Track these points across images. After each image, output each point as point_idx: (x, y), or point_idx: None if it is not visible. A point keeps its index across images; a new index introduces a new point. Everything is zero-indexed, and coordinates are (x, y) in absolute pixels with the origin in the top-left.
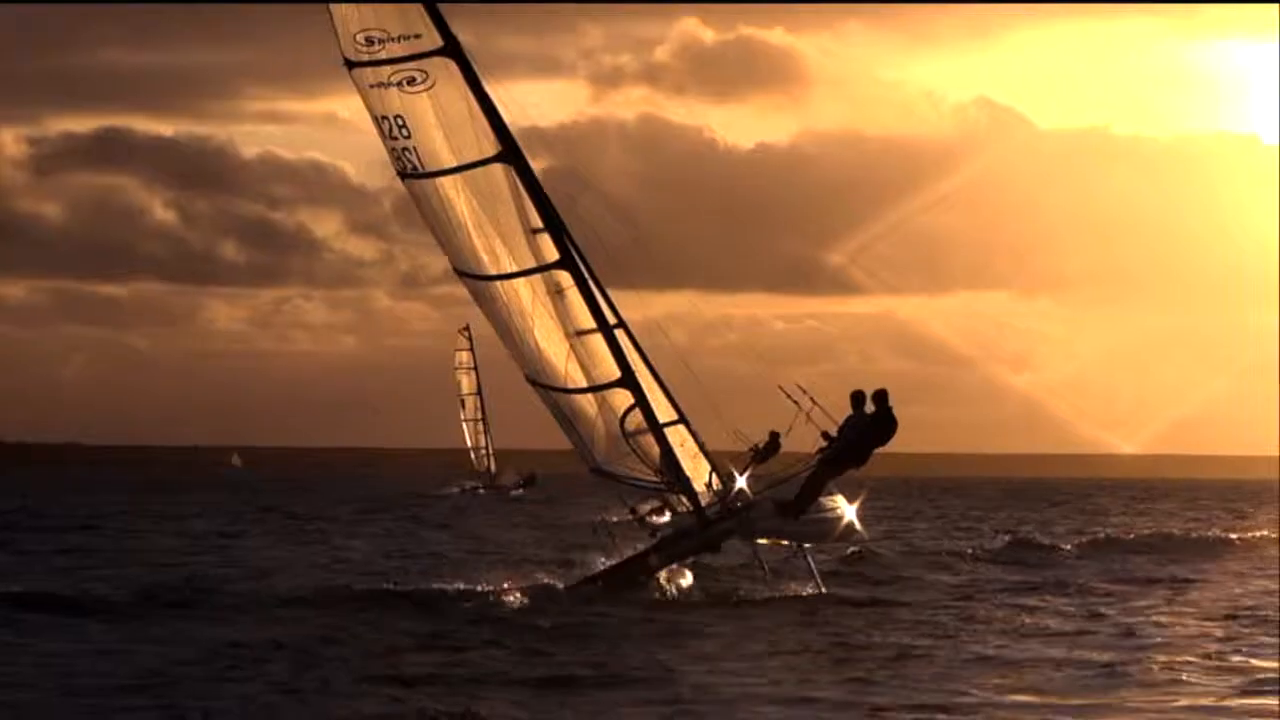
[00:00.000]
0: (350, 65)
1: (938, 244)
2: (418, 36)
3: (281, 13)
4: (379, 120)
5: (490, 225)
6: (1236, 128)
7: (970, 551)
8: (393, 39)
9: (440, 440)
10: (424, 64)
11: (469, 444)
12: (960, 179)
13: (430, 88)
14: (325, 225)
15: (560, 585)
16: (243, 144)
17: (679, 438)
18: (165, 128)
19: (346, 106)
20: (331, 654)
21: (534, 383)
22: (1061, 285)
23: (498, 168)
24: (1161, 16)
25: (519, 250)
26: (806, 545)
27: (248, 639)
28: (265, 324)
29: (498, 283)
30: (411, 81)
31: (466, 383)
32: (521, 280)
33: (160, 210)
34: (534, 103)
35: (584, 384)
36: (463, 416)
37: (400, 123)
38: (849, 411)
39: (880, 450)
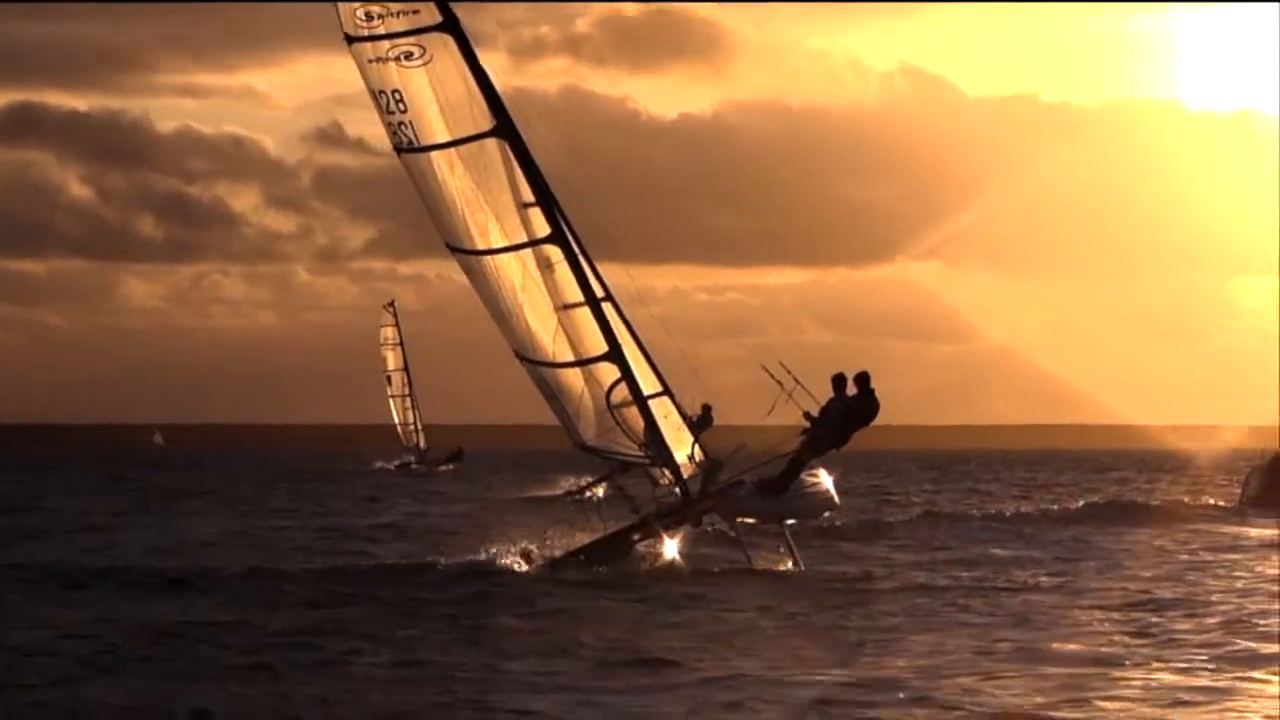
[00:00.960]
0: (350, 40)
1: (864, 214)
2: (415, 12)
3: None
4: (376, 95)
5: (483, 200)
6: (1161, 93)
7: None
8: (391, 14)
9: (362, 415)
10: (422, 39)
11: (397, 420)
12: (887, 147)
13: (427, 63)
14: (243, 200)
15: (540, 558)
16: (158, 118)
17: (663, 410)
18: (78, 102)
19: (265, 79)
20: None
21: (521, 358)
22: (993, 255)
23: (492, 142)
24: None
25: (510, 225)
26: (789, 521)
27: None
28: (183, 300)
29: (489, 257)
30: (409, 56)
31: (393, 359)
32: (512, 255)
33: (75, 186)
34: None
35: (571, 358)
36: (389, 392)
37: (397, 97)
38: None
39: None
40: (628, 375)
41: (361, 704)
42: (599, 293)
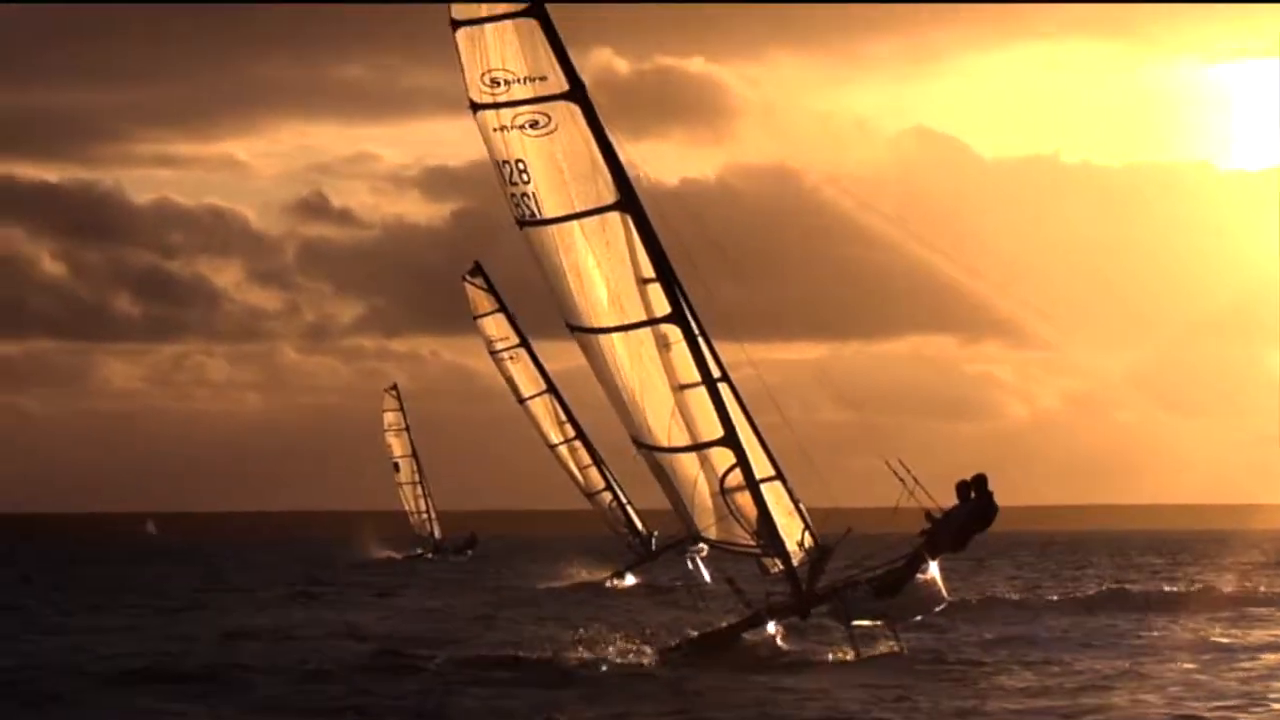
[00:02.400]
0: (475, 108)
1: (878, 283)
2: (543, 79)
3: (171, 48)
4: (499, 165)
5: (603, 275)
6: (1189, 154)
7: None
8: (518, 80)
9: (354, 502)
10: (548, 107)
11: (408, 509)
12: (900, 212)
13: (552, 132)
14: (225, 275)
15: (651, 650)
16: (134, 189)
17: (775, 495)
18: (49, 173)
19: (245, 148)
20: None
21: (638, 444)
22: (1011, 326)
23: (614, 215)
24: (1108, 41)
25: (630, 302)
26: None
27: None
28: (165, 381)
29: (606, 336)
30: (534, 125)
31: (399, 445)
32: (630, 333)
33: (48, 262)
34: (441, 140)
35: (686, 442)
36: (398, 480)
37: (521, 168)
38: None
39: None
40: (743, 461)
41: None
42: (715, 373)
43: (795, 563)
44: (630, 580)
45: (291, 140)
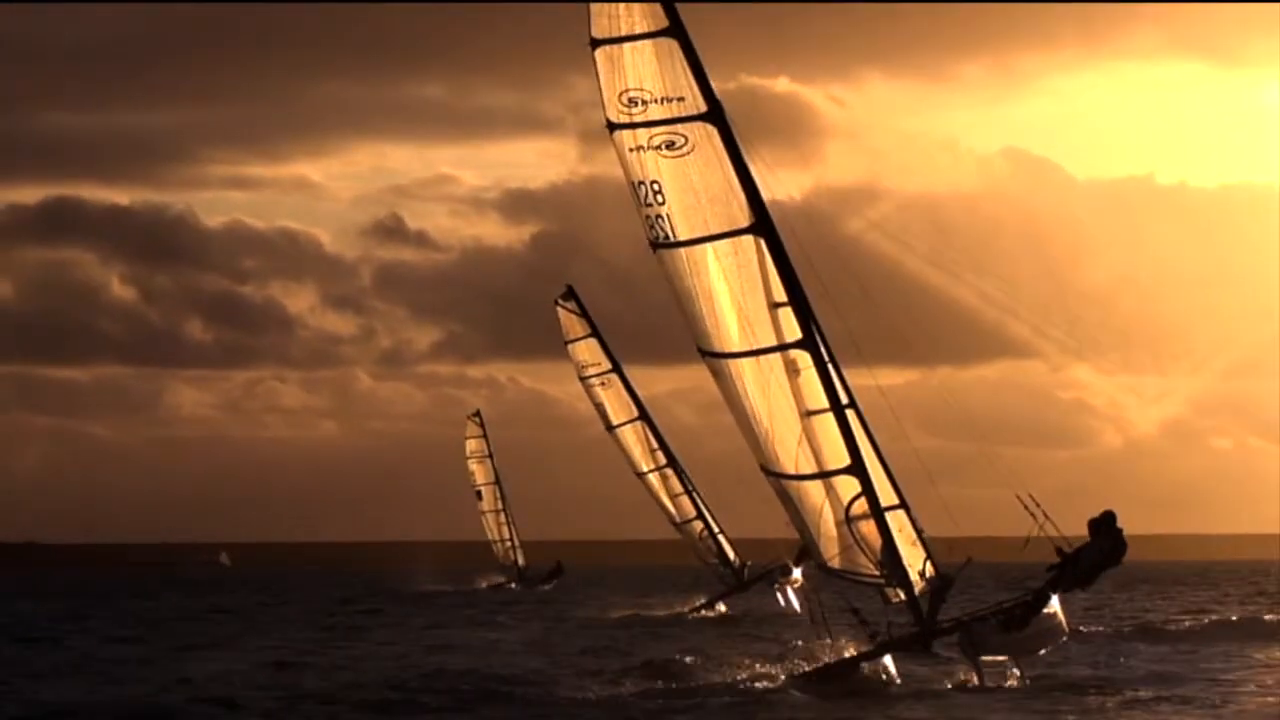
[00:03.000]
0: (612, 128)
1: (967, 306)
2: (680, 99)
3: (242, 69)
4: (635, 186)
5: (734, 300)
6: None
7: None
8: (655, 101)
9: (429, 532)
10: (685, 128)
11: (492, 537)
12: (989, 234)
13: (689, 153)
14: (299, 299)
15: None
16: (205, 212)
17: (898, 524)
18: (120, 196)
19: (318, 169)
20: None
21: (766, 471)
22: (1105, 350)
23: (748, 239)
24: (1201, 62)
25: (761, 327)
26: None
27: None
28: (236, 408)
29: (736, 361)
30: (671, 146)
31: (481, 473)
32: (760, 359)
33: (118, 286)
34: (521, 162)
35: (812, 470)
36: (481, 508)
37: (656, 189)
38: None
39: None
40: (868, 489)
41: None
42: (843, 400)
43: (917, 592)
44: (721, 609)
45: (366, 161)
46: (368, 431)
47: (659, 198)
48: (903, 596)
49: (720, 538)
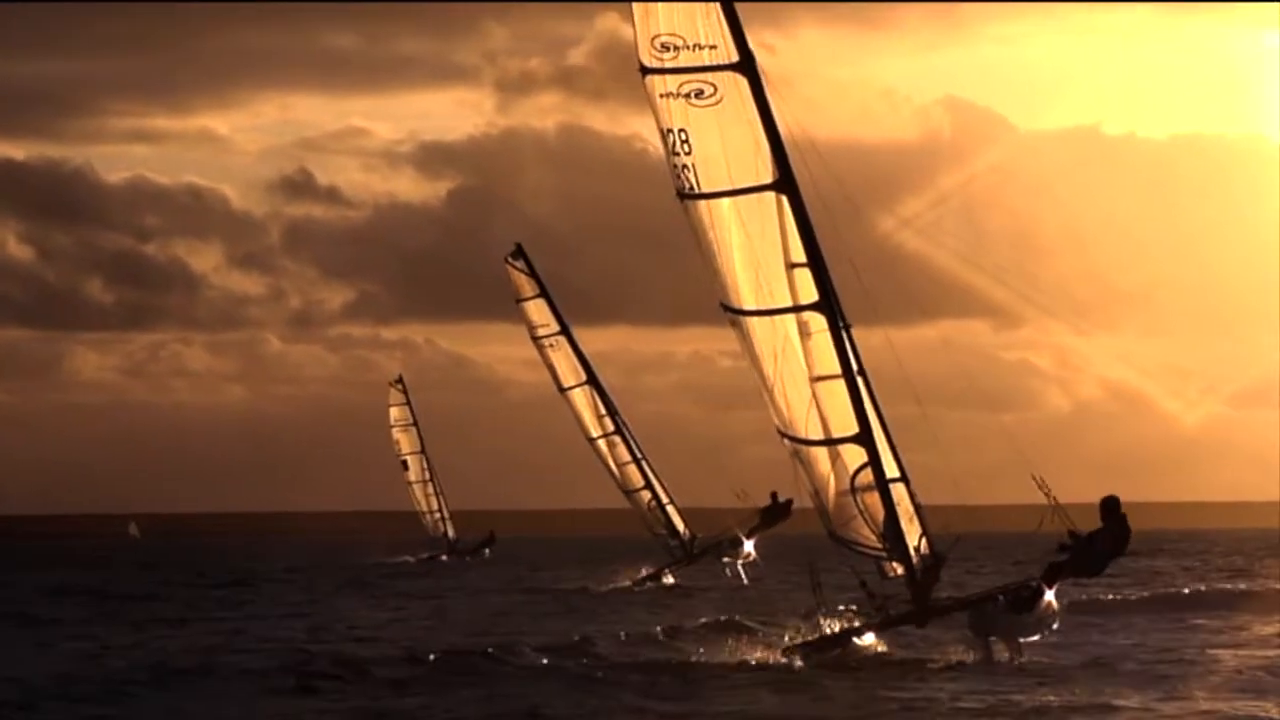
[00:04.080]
0: (644, 71)
1: (906, 264)
2: (713, 47)
3: (144, 16)
4: (664, 134)
5: (752, 256)
6: (1244, 126)
7: None
8: (688, 47)
9: (346, 502)
10: (715, 77)
11: (422, 508)
12: (928, 188)
13: (717, 103)
14: (204, 259)
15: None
16: (105, 167)
17: (897, 497)
18: (14, 150)
19: (224, 121)
20: None
21: (780, 434)
22: (1051, 309)
23: (770, 195)
24: (1150, 7)
25: (777, 286)
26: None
27: None
28: (140, 373)
29: (750, 319)
30: (699, 94)
31: (406, 441)
32: (775, 318)
33: (13, 245)
34: (436, 114)
35: (821, 436)
36: (407, 479)
37: (683, 137)
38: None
39: None
40: (874, 460)
41: None
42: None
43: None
44: (670, 581)
45: (274, 113)
46: (278, 397)
47: (685, 147)
48: (899, 571)
49: (669, 508)
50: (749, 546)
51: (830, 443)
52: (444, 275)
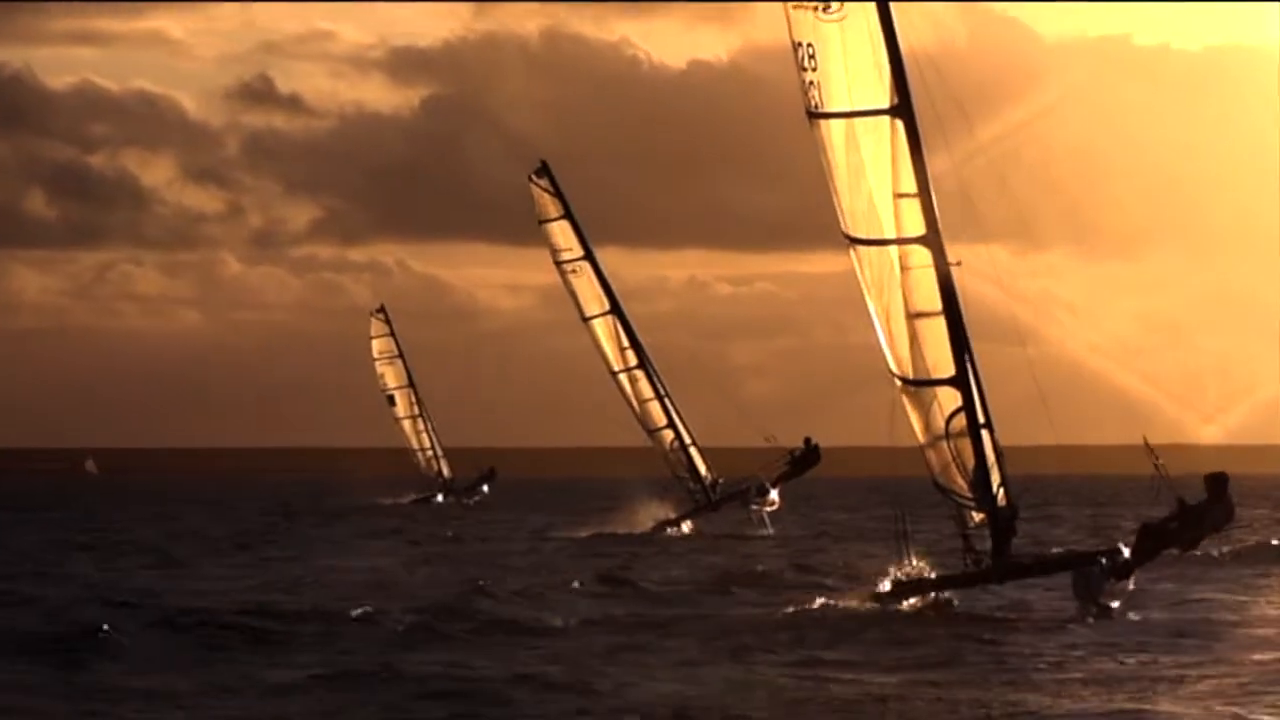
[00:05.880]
0: None
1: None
2: None
3: None
4: (795, 46)
5: (865, 183)
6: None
7: None
8: None
9: (310, 438)
10: None
11: (414, 445)
12: (946, 102)
13: (843, 19)
14: (156, 172)
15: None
16: (47, 71)
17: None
18: None
19: (178, 23)
20: None
21: (889, 371)
22: (1072, 233)
23: (886, 120)
24: None
25: (885, 216)
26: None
27: None
28: (85, 295)
29: (859, 248)
30: (827, 8)
31: (392, 375)
32: (882, 249)
33: None
34: (408, 17)
35: (921, 376)
36: (395, 414)
37: (810, 52)
38: None
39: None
40: (969, 404)
41: None
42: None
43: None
44: (687, 529)
45: (233, 15)
46: (236, 323)
47: (812, 62)
48: (978, 519)
49: (692, 450)
50: (775, 494)
51: (929, 384)
52: (416, 191)
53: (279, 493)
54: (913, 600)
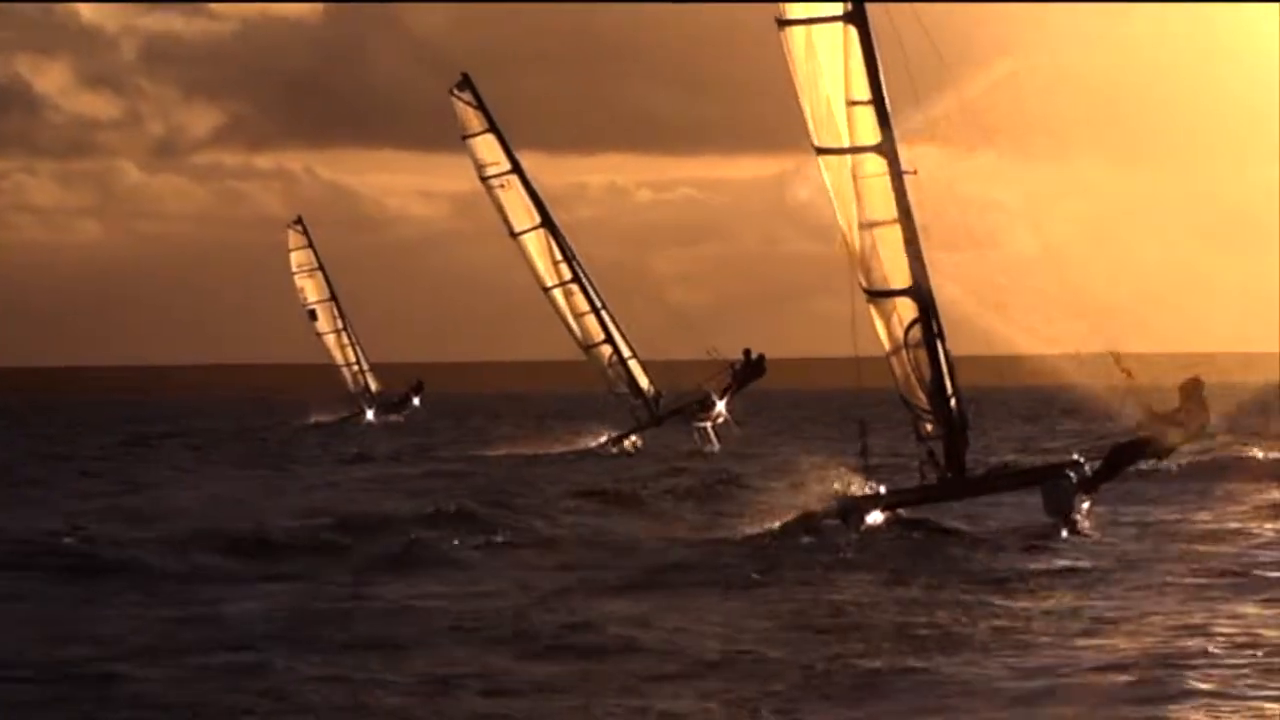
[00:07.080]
0: None
1: None
2: None
3: None
4: None
5: (821, 91)
6: None
7: None
8: None
9: (213, 354)
10: None
11: (338, 360)
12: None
13: None
14: (48, 77)
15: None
16: None
17: None
18: None
19: None
20: None
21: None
22: (1011, 134)
23: (838, 27)
24: None
25: (840, 123)
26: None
27: None
28: None
29: (824, 158)
30: None
31: (313, 288)
32: (838, 158)
33: None
34: None
35: (878, 287)
36: (318, 329)
37: None
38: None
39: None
40: (925, 316)
41: None
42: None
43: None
44: (631, 444)
45: None
46: (138, 234)
47: None
48: (930, 430)
49: (632, 363)
50: (721, 407)
51: (887, 294)
52: (323, 95)
53: (189, 412)
54: (869, 520)
